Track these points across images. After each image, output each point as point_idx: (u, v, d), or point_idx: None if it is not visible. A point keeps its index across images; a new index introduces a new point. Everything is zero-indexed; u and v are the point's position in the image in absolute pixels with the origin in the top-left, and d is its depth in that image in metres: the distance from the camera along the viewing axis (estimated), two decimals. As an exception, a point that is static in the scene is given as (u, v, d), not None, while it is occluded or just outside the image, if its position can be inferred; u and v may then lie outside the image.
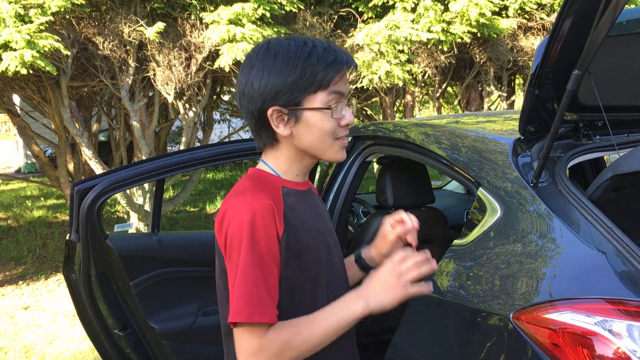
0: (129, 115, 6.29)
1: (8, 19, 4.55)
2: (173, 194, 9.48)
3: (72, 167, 7.65)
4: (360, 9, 6.51)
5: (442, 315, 1.68)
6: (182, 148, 6.70)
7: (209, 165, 2.54)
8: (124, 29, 5.39)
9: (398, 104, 10.74)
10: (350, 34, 6.43)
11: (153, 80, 5.86)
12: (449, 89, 11.21)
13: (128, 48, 5.65)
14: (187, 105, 6.52)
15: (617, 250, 1.39)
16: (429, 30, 6.09)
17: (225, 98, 9.74)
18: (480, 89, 9.10)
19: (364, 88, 6.78)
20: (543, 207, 1.58)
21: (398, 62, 6.19)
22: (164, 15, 5.78)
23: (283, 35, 5.70)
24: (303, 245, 1.26)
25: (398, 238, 1.39)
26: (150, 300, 2.34)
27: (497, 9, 6.36)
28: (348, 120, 1.26)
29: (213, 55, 5.66)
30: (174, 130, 12.20)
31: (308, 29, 6.07)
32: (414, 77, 7.44)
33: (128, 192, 6.33)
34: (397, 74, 6.11)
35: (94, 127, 8.35)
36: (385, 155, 2.83)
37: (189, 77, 5.77)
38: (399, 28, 5.97)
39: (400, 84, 6.71)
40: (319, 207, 1.42)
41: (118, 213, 9.13)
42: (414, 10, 6.18)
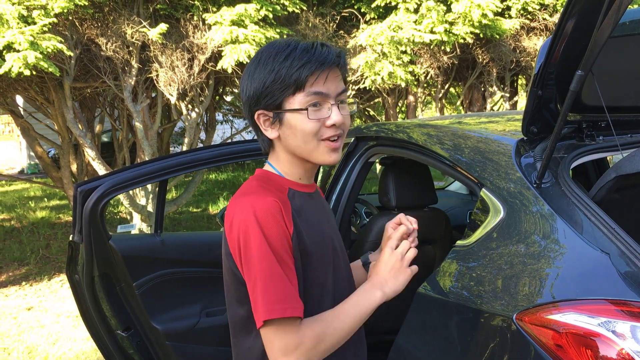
0: (132, 116, 6.31)
1: (11, 20, 4.56)
2: (176, 195, 9.49)
3: (75, 168, 7.67)
4: (363, 10, 6.51)
5: (445, 316, 1.68)
6: (184, 149, 6.71)
7: (212, 166, 2.54)
8: (127, 30, 5.40)
9: (400, 105, 10.74)
10: (353, 35, 6.43)
11: (156, 81, 5.87)
12: (452, 90, 11.21)
13: (131, 49, 5.66)
14: (189, 106, 6.53)
15: (620, 251, 1.39)
16: (432, 31, 6.09)
17: (228, 99, 9.76)
18: (483, 90, 9.10)
19: (367, 89, 6.79)
20: (546, 207, 1.58)
21: (401, 63, 6.19)
22: (167, 17, 5.79)
23: (285, 36, 5.71)
24: (310, 248, 1.26)
25: (400, 240, 1.40)
26: (153, 301, 2.34)
27: (499, 10, 6.35)
28: (334, 120, 1.24)
29: (216, 56, 5.67)
30: (177, 131, 12.22)
31: (311, 30, 6.07)
32: (417, 77, 7.44)
33: (131, 193, 6.34)
34: (399, 75, 6.11)
35: (97, 128, 8.37)
36: (388, 156, 2.83)
37: (192, 78, 5.77)
38: (402, 29, 5.97)
39: (403, 85, 6.71)
40: (325, 210, 1.43)
41: (121, 214, 9.14)
42: (417, 11, 6.18)
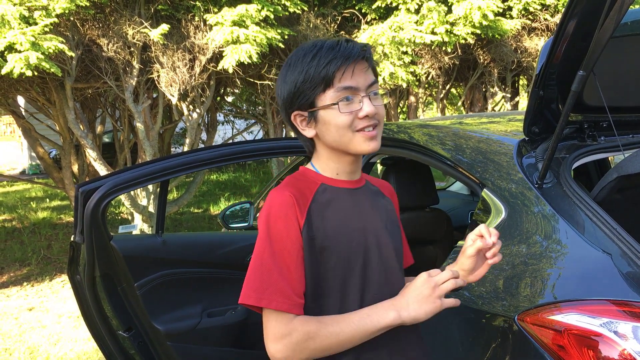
0: (133, 117, 6.31)
1: (13, 21, 4.57)
2: (177, 196, 9.49)
3: (76, 168, 7.68)
4: (364, 11, 6.51)
5: (446, 317, 1.68)
6: (186, 149, 6.72)
7: (213, 167, 2.54)
8: (128, 31, 5.41)
9: (402, 105, 10.74)
10: (354, 36, 6.43)
11: (157, 82, 5.87)
12: (453, 90, 11.21)
13: (132, 50, 5.66)
14: (191, 107, 6.54)
15: (622, 252, 1.38)
16: (433, 32, 6.09)
17: (229, 99, 9.76)
18: (484, 90, 9.09)
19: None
20: (548, 208, 1.57)
21: (402, 63, 6.19)
22: (168, 17, 5.79)
23: (286, 37, 5.71)
24: (328, 242, 1.28)
25: (477, 253, 1.29)
26: (155, 302, 2.34)
27: (500, 10, 6.35)
28: (366, 112, 1.27)
29: (217, 57, 5.67)
30: (178, 132, 12.23)
31: (312, 31, 6.07)
32: (418, 78, 7.43)
33: (132, 193, 6.34)
34: (400, 76, 6.11)
35: (98, 128, 8.38)
36: (389, 157, 2.83)
37: (193, 78, 5.78)
38: (403, 29, 5.96)
39: (404, 85, 6.71)
40: (369, 207, 1.38)
41: (122, 214, 9.15)
42: (418, 12, 6.17)
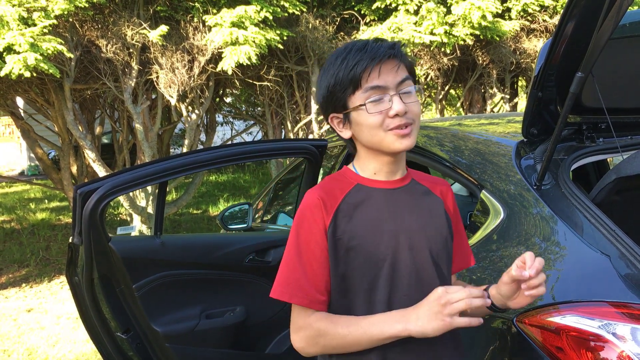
0: (132, 118, 6.31)
1: (12, 22, 4.56)
2: (176, 197, 9.48)
3: (75, 169, 7.67)
4: (363, 12, 6.51)
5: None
6: (185, 150, 6.72)
7: (212, 168, 2.54)
8: (127, 32, 5.40)
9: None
10: (353, 37, 6.43)
11: (156, 83, 5.87)
12: (452, 91, 11.21)
13: (131, 51, 5.66)
14: (189, 108, 6.53)
15: (620, 253, 1.38)
16: (432, 33, 6.09)
17: (228, 100, 9.75)
18: (483, 91, 9.09)
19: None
20: (546, 209, 1.57)
21: (401, 64, 6.17)
22: (167, 18, 5.79)
23: (285, 38, 5.71)
24: (355, 242, 1.28)
25: (513, 281, 1.21)
26: (153, 303, 2.34)
27: (499, 11, 6.35)
28: (395, 110, 1.26)
29: (216, 58, 5.67)
30: (177, 133, 12.21)
31: (311, 32, 6.07)
32: (417, 79, 7.42)
33: (131, 194, 6.34)
34: (399, 76, 6.09)
35: (97, 129, 8.37)
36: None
37: (192, 79, 5.77)
38: (402, 30, 5.97)
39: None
40: (406, 208, 1.35)
41: (121, 215, 9.14)
42: (417, 13, 6.18)
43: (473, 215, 1.83)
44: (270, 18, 5.42)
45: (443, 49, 6.61)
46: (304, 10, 5.86)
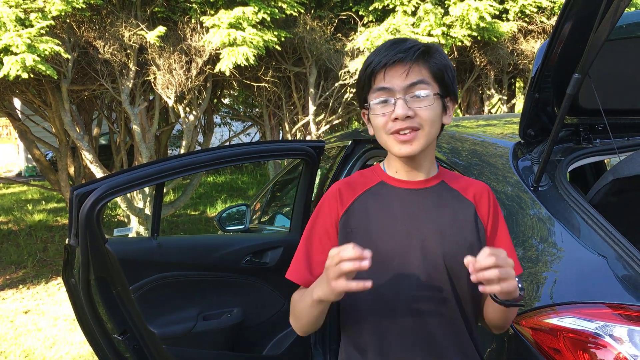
0: (130, 119, 6.30)
1: (9, 23, 4.56)
2: (174, 198, 9.48)
3: (72, 170, 7.65)
4: (361, 13, 6.51)
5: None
6: (182, 152, 6.71)
7: (210, 169, 2.53)
8: (125, 33, 5.40)
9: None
10: (351, 38, 6.43)
11: (153, 84, 5.86)
12: (450, 93, 11.21)
13: (128, 52, 5.65)
14: (187, 109, 6.53)
15: (617, 255, 1.38)
16: (429, 34, 6.09)
17: (226, 101, 9.75)
18: (481, 92, 9.10)
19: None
20: (544, 211, 1.57)
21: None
22: (165, 19, 5.78)
23: (283, 39, 5.71)
24: (366, 237, 1.30)
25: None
26: (150, 305, 2.33)
27: (497, 12, 6.36)
28: (396, 114, 1.26)
29: (214, 59, 5.66)
30: (175, 134, 12.20)
31: (308, 33, 6.07)
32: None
33: (128, 195, 6.33)
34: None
35: (95, 130, 8.36)
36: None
37: (190, 80, 5.77)
38: (400, 32, 5.97)
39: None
40: (425, 210, 1.33)
41: (119, 216, 9.13)
42: (414, 14, 6.18)
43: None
44: (268, 19, 5.42)
45: (441, 50, 6.61)
46: (302, 12, 5.86)
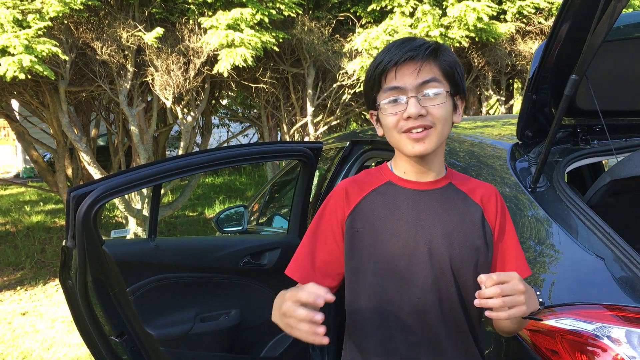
0: (128, 120, 6.29)
1: (6, 24, 4.55)
2: (172, 199, 9.46)
3: (70, 172, 7.64)
4: (359, 14, 6.51)
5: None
6: (180, 153, 6.70)
7: (208, 170, 2.53)
8: (122, 34, 5.39)
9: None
10: (349, 39, 6.43)
11: (151, 85, 5.86)
12: (448, 93, 11.21)
13: (126, 53, 5.64)
14: (185, 110, 6.52)
15: (615, 256, 1.38)
16: (427, 35, 6.09)
17: (224, 102, 9.74)
18: (479, 93, 9.11)
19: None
20: (541, 212, 1.57)
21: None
22: (162, 20, 5.78)
23: (280, 40, 5.70)
24: (372, 238, 1.29)
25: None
26: (147, 307, 2.33)
27: (495, 13, 6.36)
28: (408, 113, 1.25)
29: (211, 60, 5.66)
30: (173, 135, 12.19)
31: (306, 34, 6.07)
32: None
33: (126, 197, 6.31)
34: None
35: (93, 132, 8.35)
36: (384, 160, 2.82)
37: (188, 81, 5.76)
38: (398, 33, 5.97)
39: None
40: (432, 211, 1.31)
41: (117, 218, 9.11)
42: (412, 15, 6.18)
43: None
44: (266, 20, 5.42)
45: (439, 51, 6.61)
46: (300, 13, 5.86)
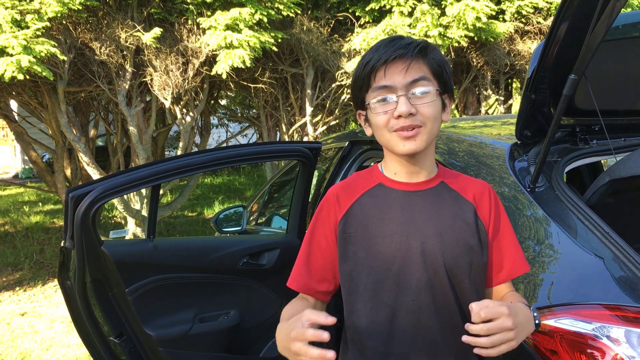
0: (126, 121, 6.29)
1: (4, 25, 4.54)
2: (171, 199, 9.46)
3: (69, 172, 7.63)
4: (358, 14, 6.51)
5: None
6: (179, 153, 6.70)
7: (207, 170, 2.52)
8: (121, 34, 5.39)
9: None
10: (348, 39, 6.43)
11: (150, 85, 5.85)
12: (447, 93, 11.22)
13: (125, 53, 5.64)
14: (184, 110, 6.52)
15: (614, 256, 1.38)
16: (426, 35, 6.09)
17: (223, 103, 9.74)
18: (478, 93, 9.11)
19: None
20: (540, 212, 1.57)
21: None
22: (161, 20, 5.77)
23: (279, 40, 5.70)
24: (366, 241, 1.29)
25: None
26: (146, 307, 2.32)
27: (493, 13, 6.36)
28: (399, 112, 1.24)
29: (210, 60, 5.66)
30: (172, 135, 12.19)
31: (305, 34, 6.07)
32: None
33: (125, 197, 6.31)
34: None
35: (91, 132, 8.34)
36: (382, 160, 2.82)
37: (186, 82, 5.76)
38: (396, 32, 5.97)
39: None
40: (424, 212, 1.30)
41: (116, 218, 9.11)
42: (411, 15, 6.18)
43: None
44: (265, 20, 5.42)
45: (437, 51, 6.61)
46: (299, 13, 5.86)
